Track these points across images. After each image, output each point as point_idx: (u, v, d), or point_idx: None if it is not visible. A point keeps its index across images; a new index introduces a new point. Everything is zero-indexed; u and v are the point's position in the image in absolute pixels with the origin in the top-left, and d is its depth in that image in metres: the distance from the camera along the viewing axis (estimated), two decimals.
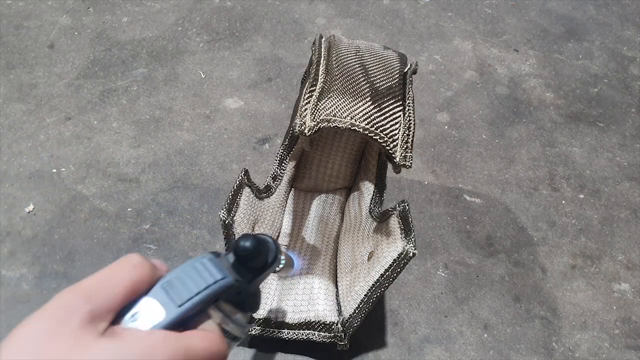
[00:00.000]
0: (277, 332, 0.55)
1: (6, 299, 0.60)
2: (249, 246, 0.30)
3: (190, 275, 0.27)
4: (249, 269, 0.32)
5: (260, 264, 0.33)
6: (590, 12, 1.11)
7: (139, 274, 0.26)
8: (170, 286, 0.26)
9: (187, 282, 0.27)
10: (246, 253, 0.30)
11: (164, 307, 0.26)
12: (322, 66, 0.50)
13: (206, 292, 0.27)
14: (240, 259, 0.31)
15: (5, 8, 0.95)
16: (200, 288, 0.27)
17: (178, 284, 0.26)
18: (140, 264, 0.26)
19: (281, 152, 0.60)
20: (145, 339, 0.24)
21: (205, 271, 0.27)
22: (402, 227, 0.49)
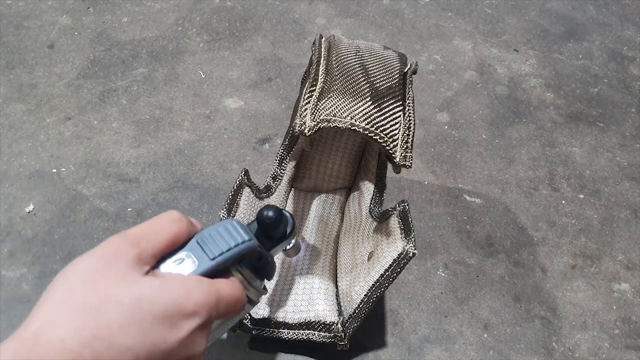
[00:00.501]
0: (277, 332, 0.55)
1: (6, 299, 0.60)
2: (272, 215, 0.34)
3: (222, 234, 0.30)
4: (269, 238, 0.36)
5: (280, 234, 0.37)
6: (590, 12, 1.11)
7: (178, 228, 0.29)
8: (204, 242, 0.30)
9: (219, 239, 0.30)
10: (269, 221, 0.34)
11: (198, 259, 0.29)
12: (322, 66, 0.50)
13: (235, 249, 0.30)
14: (262, 228, 0.35)
15: (5, 8, 0.95)
16: (231, 245, 0.30)
17: (211, 240, 0.30)
18: (179, 219, 0.30)
19: (281, 152, 0.60)
20: (184, 281, 0.27)
21: (235, 232, 0.31)
22: (402, 227, 0.49)
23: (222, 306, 0.29)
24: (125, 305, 0.25)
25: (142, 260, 0.27)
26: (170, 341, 0.26)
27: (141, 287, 0.26)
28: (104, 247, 0.27)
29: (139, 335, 0.25)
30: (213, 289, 0.28)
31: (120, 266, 0.27)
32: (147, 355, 0.25)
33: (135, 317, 0.25)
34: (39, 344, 0.23)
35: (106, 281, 0.26)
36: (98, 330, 0.24)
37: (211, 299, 0.28)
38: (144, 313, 0.25)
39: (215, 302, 0.28)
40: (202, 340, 0.28)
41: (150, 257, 0.28)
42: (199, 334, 0.28)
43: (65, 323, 0.24)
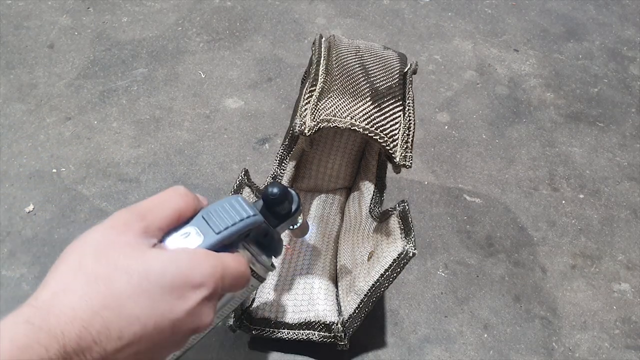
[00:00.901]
0: (277, 332, 0.55)
1: (6, 299, 0.60)
2: (277, 191, 0.34)
3: (227, 209, 0.31)
4: (275, 215, 0.36)
5: (285, 211, 0.37)
6: (590, 12, 1.11)
7: (184, 202, 0.30)
8: (210, 216, 0.30)
9: (224, 214, 0.30)
10: (274, 197, 0.34)
11: (203, 233, 0.30)
12: (322, 66, 0.50)
13: (240, 224, 0.30)
14: (268, 204, 0.35)
15: (5, 8, 0.95)
16: (236, 220, 0.30)
17: (216, 215, 0.30)
18: (185, 194, 0.31)
19: (281, 152, 0.60)
20: (190, 253, 0.28)
21: (240, 207, 0.31)
22: (402, 227, 0.49)
23: (228, 279, 0.30)
24: (134, 276, 0.26)
25: (149, 232, 0.28)
26: (178, 311, 0.27)
27: (149, 259, 0.27)
28: (112, 220, 0.28)
29: (147, 305, 0.26)
30: (219, 262, 0.29)
31: (129, 238, 0.27)
32: (155, 325, 0.26)
33: (143, 287, 0.26)
34: (51, 311, 0.24)
35: (115, 252, 0.27)
36: (107, 299, 0.25)
37: (217, 271, 0.29)
38: (151, 284, 0.26)
39: (221, 275, 0.29)
40: (209, 312, 0.29)
41: (156, 229, 0.29)
42: (205, 305, 0.28)
43: (75, 292, 0.25)
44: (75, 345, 0.24)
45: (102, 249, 0.27)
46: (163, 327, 0.27)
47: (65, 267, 0.26)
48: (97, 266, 0.26)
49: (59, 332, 0.23)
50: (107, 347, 0.25)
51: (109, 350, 0.25)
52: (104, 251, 0.27)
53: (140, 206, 0.29)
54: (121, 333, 0.25)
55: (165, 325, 0.27)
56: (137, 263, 0.26)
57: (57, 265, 0.27)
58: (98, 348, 0.24)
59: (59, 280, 0.26)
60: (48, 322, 0.24)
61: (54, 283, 0.26)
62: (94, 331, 0.24)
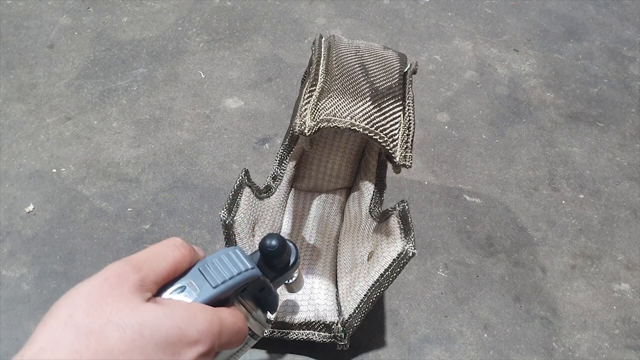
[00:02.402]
0: (277, 332, 0.55)
1: (6, 299, 0.60)
2: (275, 244, 0.33)
3: (224, 262, 0.30)
4: (272, 268, 0.35)
5: (283, 264, 0.36)
6: (590, 12, 1.11)
7: (181, 254, 0.29)
8: (207, 269, 0.29)
9: (222, 267, 0.30)
10: (272, 250, 0.33)
11: (200, 286, 0.29)
12: (322, 66, 0.50)
13: (238, 277, 0.30)
14: (265, 257, 0.34)
15: (5, 8, 0.95)
16: (233, 274, 0.30)
17: (213, 268, 0.29)
18: (182, 246, 0.30)
19: (281, 152, 0.60)
20: (187, 308, 0.27)
21: (238, 260, 0.30)
22: (402, 227, 0.49)
23: (225, 335, 0.29)
24: (127, 331, 0.25)
25: (144, 286, 0.27)
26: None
27: (143, 313, 0.26)
28: (106, 272, 0.27)
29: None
30: (216, 317, 0.28)
31: (123, 291, 0.26)
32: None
33: (137, 343, 0.25)
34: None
35: (108, 306, 0.25)
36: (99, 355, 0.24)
37: (214, 327, 0.28)
38: (146, 339, 0.25)
39: (218, 331, 0.28)
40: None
41: (152, 283, 0.28)
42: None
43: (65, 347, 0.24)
44: None
45: (94, 302, 0.25)
46: None
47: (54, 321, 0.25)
48: (88, 320, 0.25)
49: None
50: None
51: None
52: (96, 304, 0.25)
53: (136, 258, 0.28)
54: None
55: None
56: (131, 317, 0.25)
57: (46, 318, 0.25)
58: None
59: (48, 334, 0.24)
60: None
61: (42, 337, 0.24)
62: None
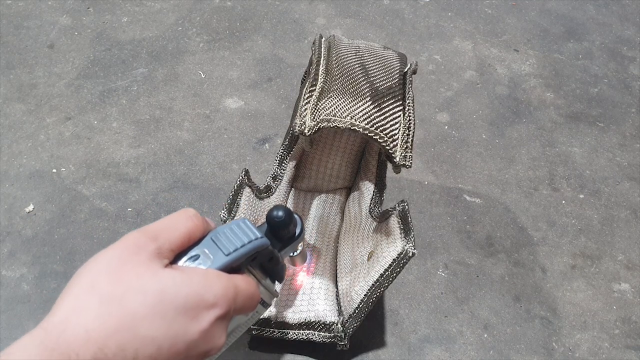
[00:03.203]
0: (277, 332, 0.55)
1: (6, 299, 0.60)
2: (282, 214, 0.35)
3: (235, 232, 0.31)
4: (279, 239, 0.36)
5: (289, 235, 0.37)
6: (590, 12, 1.11)
7: (194, 224, 0.30)
8: (218, 238, 0.30)
9: (233, 236, 0.31)
10: (279, 221, 0.35)
11: (213, 254, 0.30)
12: (322, 66, 0.50)
13: (249, 246, 0.31)
14: (272, 227, 0.35)
15: (5, 8, 0.95)
16: (244, 242, 0.31)
17: (225, 237, 0.31)
18: (195, 216, 0.31)
19: (281, 152, 0.60)
20: (203, 274, 0.28)
21: (248, 229, 0.31)
22: (402, 227, 0.49)
23: (240, 300, 0.30)
24: (148, 296, 0.26)
25: (161, 254, 0.28)
26: (192, 332, 0.27)
27: (163, 279, 0.27)
28: (124, 241, 0.28)
29: (162, 326, 0.26)
30: (231, 283, 0.29)
31: (142, 259, 0.27)
32: (170, 346, 0.26)
33: (157, 307, 0.26)
34: (64, 334, 0.24)
35: (129, 273, 0.26)
36: (122, 320, 0.25)
37: (229, 291, 0.29)
38: (166, 304, 0.26)
39: (233, 296, 0.29)
40: (222, 334, 0.29)
41: (168, 251, 0.29)
42: (219, 326, 0.28)
43: (89, 313, 0.25)
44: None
45: (115, 269, 0.26)
46: (178, 349, 0.26)
47: (77, 288, 0.26)
48: (110, 286, 0.26)
49: (73, 354, 0.23)
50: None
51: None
52: (117, 271, 0.26)
53: (152, 227, 0.29)
54: (136, 355, 0.25)
55: (180, 347, 0.26)
56: (151, 283, 0.26)
57: (69, 286, 0.26)
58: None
59: (72, 301, 0.25)
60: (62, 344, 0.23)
61: (67, 304, 0.25)
62: (110, 353, 0.24)
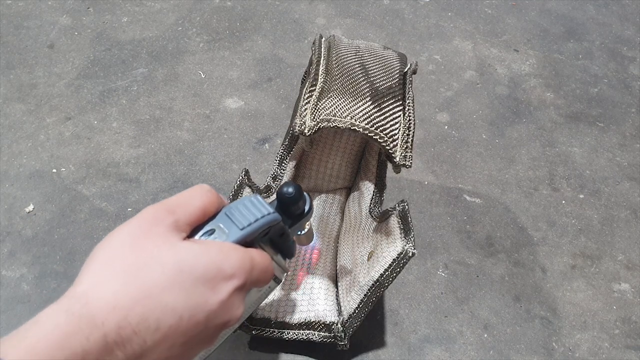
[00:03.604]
0: (277, 332, 0.55)
1: (6, 299, 0.60)
2: (292, 191, 0.35)
3: (248, 207, 0.32)
4: (289, 215, 0.37)
5: (299, 210, 0.38)
6: (590, 12, 1.11)
7: (209, 199, 0.31)
8: (232, 213, 0.31)
9: (246, 211, 0.31)
10: (289, 196, 0.35)
11: (228, 229, 0.31)
12: (322, 66, 0.50)
13: (262, 220, 0.32)
14: (283, 203, 0.36)
15: (5, 8, 0.95)
16: (257, 217, 0.31)
17: (238, 212, 0.31)
18: (210, 191, 0.32)
19: (281, 152, 0.60)
20: (221, 246, 0.29)
21: (260, 205, 0.32)
22: (402, 226, 0.49)
23: (255, 272, 0.30)
24: (168, 267, 0.26)
25: (178, 227, 0.29)
26: (212, 302, 0.27)
27: (181, 251, 0.27)
28: (143, 215, 0.29)
29: (182, 296, 0.26)
30: (247, 255, 0.30)
31: (160, 231, 0.28)
32: (190, 316, 0.26)
33: (178, 278, 0.26)
34: (89, 303, 0.24)
35: (148, 245, 0.27)
36: (144, 290, 0.25)
37: (246, 263, 0.30)
38: (185, 275, 0.27)
39: (250, 267, 0.30)
40: (240, 305, 0.30)
41: (185, 224, 0.29)
42: (236, 297, 0.29)
43: (112, 284, 0.25)
44: (116, 335, 0.24)
45: (135, 241, 0.27)
46: (198, 319, 0.27)
47: (101, 259, 0.27)
48: (131, 257, 0.26)
49: (99, 322, 0.24)
50: (146, 338, 0.25)
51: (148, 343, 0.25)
52: (137, 243, 0.27)
53: (169, 202, 0.30)
54: (159, 324, 0.25)
55: (200, 318, 0.27)
56: (170, 255, 0.27)
57: (91, 258, 0.27)
58: (137, 339, 0.25)
59: (95, 272, 0.26)
60: (88, 312, 0.24)
61: (90, 275, 0.26)
62: (134, 321, 0.24)
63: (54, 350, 0.22)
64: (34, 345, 0.22)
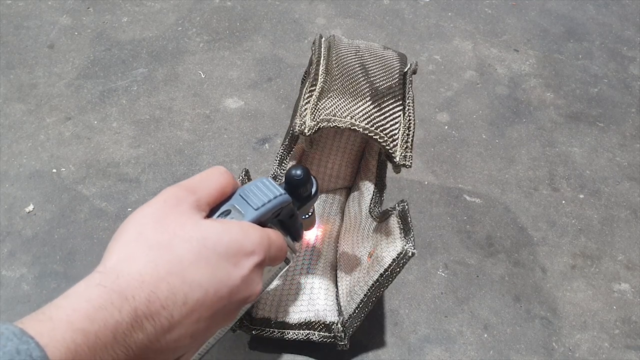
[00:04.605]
0: (277, 332, 0.55)
1: (6, 299, 0.60)
2: (301, 173, 0.36)
3: (261, 189, 0.33)
4: (297, 197, 0.38)
5: (307, 193, 0.39)
6: (590, 12, 1.11)
7: (226, 180, 0.32)
8: (247, 195, 0.33)
9: (259, 193, 0.33)
10: (298, 179, 0.36)
11: (244, 209, 0.32)
12: (322, 66, 0.50)
13: (275, 201, 0.33)
14: (291, 185, 0.37)
15: (5, 8, 0.95)
16: (270, 197, 0.33)
17: (252, 193, 0.33)
18: (226, 172, 0.33)
19: (281, 152, 0.60)
20: (240, 224, 0.30)
21: (272, 186, 0.34)
22: (402, 226, 0.49)
23: (273, 250, 0.32)
24: (193, 243, 0.27)
25: (199, 206, 0.30)
26: (235, 277, 0.28)
27: (205, 228, 0.28)
28: (164, 195, 0.30)
29: (207, 271, 0.27)
30: (265, 233, 0.31)
31: (183, 209, 0.29)
32: (215, 291, 0.27)
33: (202, 254, 0.27)
34: (120, 276, 0.25)
35: (173, 222, 0.28)
36: (171, 265, 0.26)
37: (265, 240, 0.31)
38: (209, 250, 0.27)
39: (268, 245, 0.31)
40: (259, 280, 0.31)
41: (205, 204, 0.30)
42: (256, 272, 0.30)
43: (141, 258, 0.26)
44: (145, 309, 0.25)
45: (159, 219, 0.28)
46: (222, 294, 0.28)
47: (126, 237, 0.27)
48: (157, 235, 0.27)
49: (129, 296, 0.24)
50: (173, 312, 0.25)
51: (175, 317, 0.26)
52: (161, 221, 0.28)
53: (189, 182, 0.31)
54: (186, 298, 0.26)
55: (224, 292, 0.28)
56: (194, 231, 0.28)
57: (117, 235, 0.28)
58: (166, 313, 0.25)
59: (123, 248, 0.27)
60: (119, 286, 0.25)
61: (118, 251, 0.27)
62: (162, 296, 0.25)
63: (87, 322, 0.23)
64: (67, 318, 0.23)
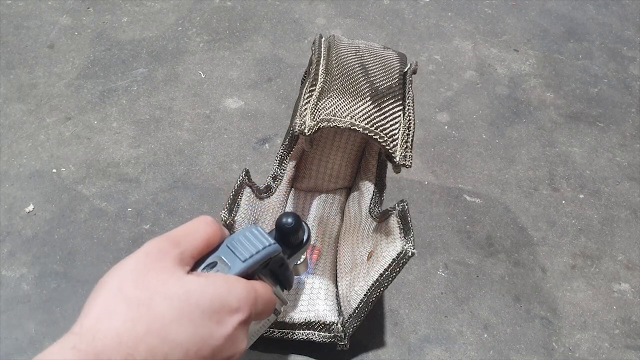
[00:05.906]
0: (276, 332, 0.55)
1: (6, 299, 0.60)
2: (292, 221, 0.35)
3: (249, 239, 0.32)
4: (288, 245, 0.37)
5: (298, 241, 0.38)
6: (590, 12, 1.11)
7: (212, 230, 0.31)
8: (234, 245, 0.31)
9: (247, 243, 0.32)
10: (289, 227, 0.35)
11: (230, 261, 0.31)
12: (322, 66, 0.50)
13: (263, 252, 0.32)
14: (282, 233, 0.36)
15: (5, 8, 0.95)
16: (259, 249, 0.31)
17: (240, 244, 0.31)
18: (212, 223, 0.32)
19: (281, 152, 0.60)
20: (225, 279, 0.29)
21: (260, 236, 0.32)
22: (402, 226, 0.49)
23: (260, 304, 0.30)
24: (175, 301, 0.26)
25: (183, 260, 0.29)
26: (218, 337, 0.27)
27: (187, 284, 0.27)
28: (147, 248, 0.28)
29: (189, 330, 0.26)
30: (251, 287, 0.30)
31: (165, 264, 0.28)
32: (197, 351, 0.26)
33: (184, 311, 0.26)
34: (96, 338, 0.24)
35: (154, 278, 0.27)
36: (151, 324, 0.25)
37: (251, 295, 0.29)
38: (192, 307, 0.26)
39: (254, 300, 0.30)
40: (244, 338, 0.29)
41: (189, 257, 0.29)
42: (241, 330, 0.29)
43: (119, 318, 0.25)
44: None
45: (140, 275, 0.27)
46: (204, 353, 0.26)
47: (105, 294, 0.26)
48: (137, 291, 0.26)
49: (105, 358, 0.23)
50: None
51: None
52: (142, 277, 0.27)
53: (173, 234, 0.30)
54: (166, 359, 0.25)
55: (206, 352, 0.27)
56: (177, 287, 0.26)
57: (96, 292, 0.27)
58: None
59: (101, 306, 0.26)
60: (95, 348, 0.24)
61: (96, 310, 0.26)
62: (140, 357, 0.24)
63: None
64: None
